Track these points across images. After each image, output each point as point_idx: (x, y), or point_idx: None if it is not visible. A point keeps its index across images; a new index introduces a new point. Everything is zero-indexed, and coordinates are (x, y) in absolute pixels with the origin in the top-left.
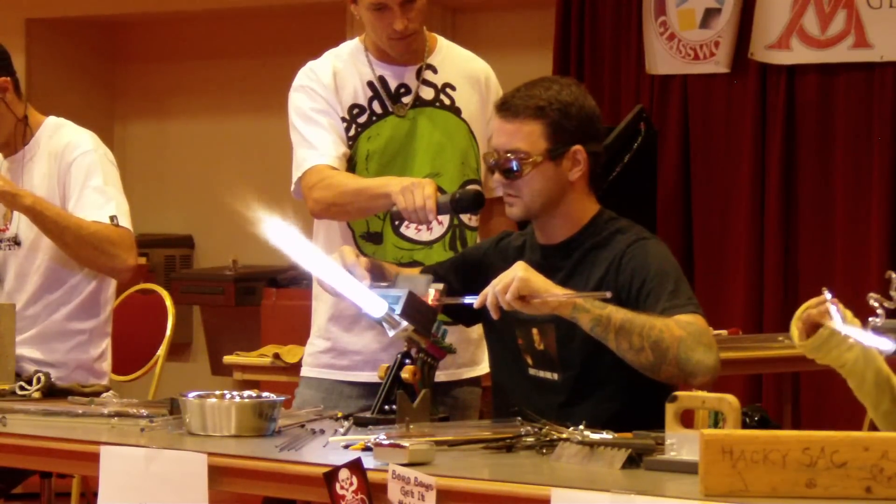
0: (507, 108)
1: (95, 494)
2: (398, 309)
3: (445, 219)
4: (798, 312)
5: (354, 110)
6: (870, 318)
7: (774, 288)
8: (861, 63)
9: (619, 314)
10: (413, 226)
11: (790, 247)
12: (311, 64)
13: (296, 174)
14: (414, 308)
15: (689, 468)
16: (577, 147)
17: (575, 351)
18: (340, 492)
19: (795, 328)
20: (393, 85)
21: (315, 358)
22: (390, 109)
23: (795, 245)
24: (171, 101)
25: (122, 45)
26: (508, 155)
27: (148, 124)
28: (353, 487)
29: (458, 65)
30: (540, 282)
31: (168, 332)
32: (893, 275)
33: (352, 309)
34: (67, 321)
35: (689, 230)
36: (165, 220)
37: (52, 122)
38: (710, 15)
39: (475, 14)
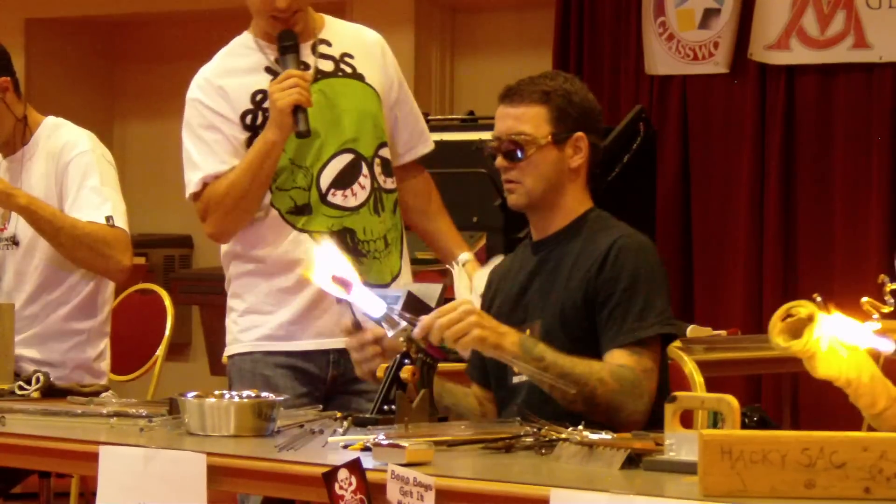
0: (512, 93)
1: (94, 494)
2: (398, 309)
3: (368, 183)
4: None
5: (258, 96)
6: (866, 323)
7: (774, 288)
8: (860, 63)
9: (557, 367)
10: (339, 193)
11: (790, 247)
12: (202, 70)
13: (188, 194)
14: (413, 308)
15: (688, 468)
16: (580, 134)
17: (556, 348)
18: (339, 492)
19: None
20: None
21: (247, 335)
22: None
23: (795, 245)
24: (171, 101)
25: (122, 45)
26: (513, 137)
27: (148, 124)
28: (353, 487)
29: (350, 36)
30: (493, 338)
31: (167, 332)
32: (887, 279)
33: (271, 286)
34: (66, 321)
35: (689, 230)
36: (165, 220)
37: (50, 121)
38: (709, 15)
39: (475, 14)
